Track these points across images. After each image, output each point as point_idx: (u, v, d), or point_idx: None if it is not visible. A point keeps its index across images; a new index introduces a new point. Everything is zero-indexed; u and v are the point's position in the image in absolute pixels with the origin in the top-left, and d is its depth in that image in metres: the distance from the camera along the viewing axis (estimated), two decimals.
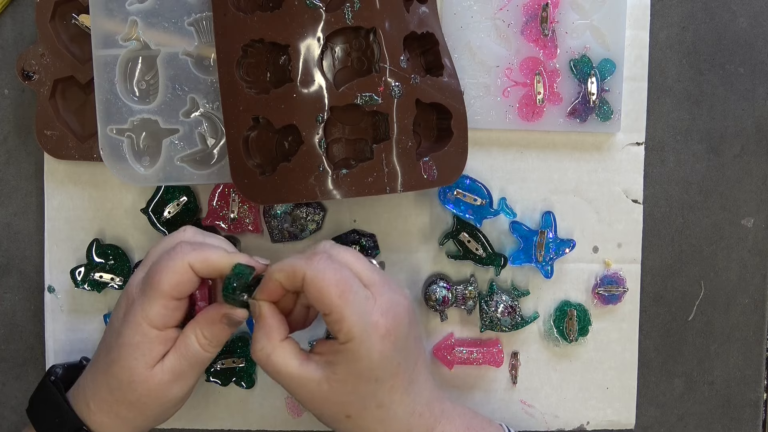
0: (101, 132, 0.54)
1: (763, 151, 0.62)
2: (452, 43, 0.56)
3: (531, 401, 0.60)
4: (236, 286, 0.45)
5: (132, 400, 0.45)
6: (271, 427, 0.59)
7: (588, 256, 0.60)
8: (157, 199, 0.56)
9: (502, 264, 0.58)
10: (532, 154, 0.59)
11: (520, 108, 0.57)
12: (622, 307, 0.60)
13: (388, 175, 0.51)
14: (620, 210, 0.60)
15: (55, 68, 0.54)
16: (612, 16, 0.57)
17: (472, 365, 0.59)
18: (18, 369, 0.59)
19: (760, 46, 0.61)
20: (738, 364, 0.63)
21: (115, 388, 0.46)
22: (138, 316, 0.44)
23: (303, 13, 0.50)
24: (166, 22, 0.53)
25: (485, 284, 0.59)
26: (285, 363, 0.44)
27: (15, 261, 0.58)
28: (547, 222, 0.58)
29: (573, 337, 0.59)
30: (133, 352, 0.45)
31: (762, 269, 0.62)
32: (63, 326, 0.58)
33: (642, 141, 0.60)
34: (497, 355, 0.58)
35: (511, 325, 0.58)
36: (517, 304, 0.58)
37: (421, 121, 0.55)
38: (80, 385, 0.48)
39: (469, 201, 0.57)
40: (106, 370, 0.46)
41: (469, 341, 0.59)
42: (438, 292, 0.57)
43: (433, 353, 0.58)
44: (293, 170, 0.51)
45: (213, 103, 0.54)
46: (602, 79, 0.57)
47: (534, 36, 0.57)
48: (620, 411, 0.61)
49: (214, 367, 0.57)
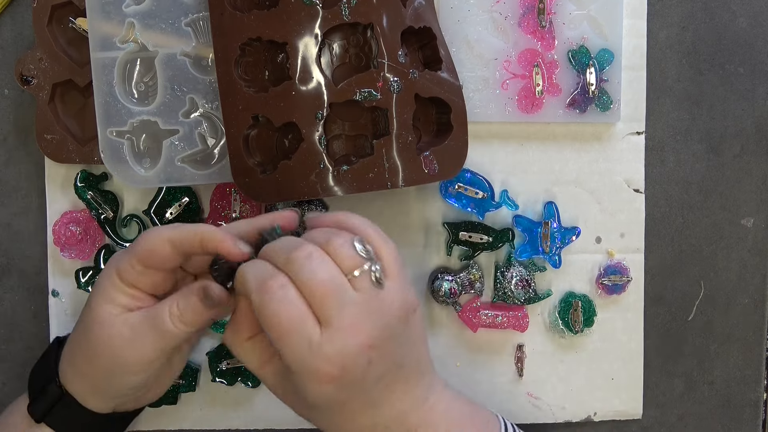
0: (101, 135, 0.54)
1: (763, 151, 0.62)
2: (450, 36, 0.56)
3: (537, 393, 0.60)
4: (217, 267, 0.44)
5: (86, 344, 0.45)
6: (278, 426, 0.60)
7: (591, 247, 0.60)
8: (159, 201, 0.56)
9: (510, 237, 0.58)
10: (532, 146, 0.59)
11: (520, 100, 0.57)
12: (627, 296, 0.60)
13: (388, 171, 0.51)
14: (622, 200, 0.60)
15: (53, 72, 0.54)
16: (609, 6, 0.57)
17: (497, 329, 0.59)
18: (18, 369, 0.59)
19: (760, 46, 0.61)
20: (738, 364, 0.63)
21: (79, 332, 0.46)
22: (110, 266, 0.45)
23: (300, 10, 0.50)
24: (164, 23, 0.53)
25: (502, 259, 0.59)
26: (246, 359, 0.45)
27: (15, 261, 0.58)
28: (549, 212, 0.58)
29: (578, 328, 0.59)
30: (100, 295, 0.45)
31: (762, 269, 0.62)
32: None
33: (642, 130, 0.60)
34: (522, 320, 0.58)
35: (524, 299, 0.58)
36: (532, 278, 0.58)
37: (420, 115, 0.55)
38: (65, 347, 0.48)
39: (470, 194, 0.57)
40: (80, 319, 0.46)
41: (494, 305, 0.59)
42: (444, 286, 0.57)
43: (459, 316, 0.58)
44: (294, 168, 0.51)
45: (212, 102, 0.54)
46: (601, 69, 0.57)
47: (531, 28, 0.57)
48: (627, 401, 0.61)
49: (220, 367, 0.57)
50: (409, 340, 0.44)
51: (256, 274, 0.41)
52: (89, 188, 0.56)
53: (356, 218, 0.44)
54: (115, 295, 0.44)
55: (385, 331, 0.41)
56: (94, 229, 0.57)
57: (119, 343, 0.44)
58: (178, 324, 0.44)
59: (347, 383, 0.41)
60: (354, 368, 0.41)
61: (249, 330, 0.44)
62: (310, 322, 0.40)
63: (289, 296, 0.40)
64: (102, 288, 0.45)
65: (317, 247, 0.41)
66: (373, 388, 0.43)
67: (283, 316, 0.40)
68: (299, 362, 0.40)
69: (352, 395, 0.42)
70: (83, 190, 0.56)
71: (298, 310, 0.40)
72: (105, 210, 0.56)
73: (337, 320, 0.40)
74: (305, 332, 0.40)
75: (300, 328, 0.40)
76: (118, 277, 0.44)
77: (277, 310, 0.40)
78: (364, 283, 0.41)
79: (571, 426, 0.61)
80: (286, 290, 0.40)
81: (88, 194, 0.56)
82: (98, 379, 0.46)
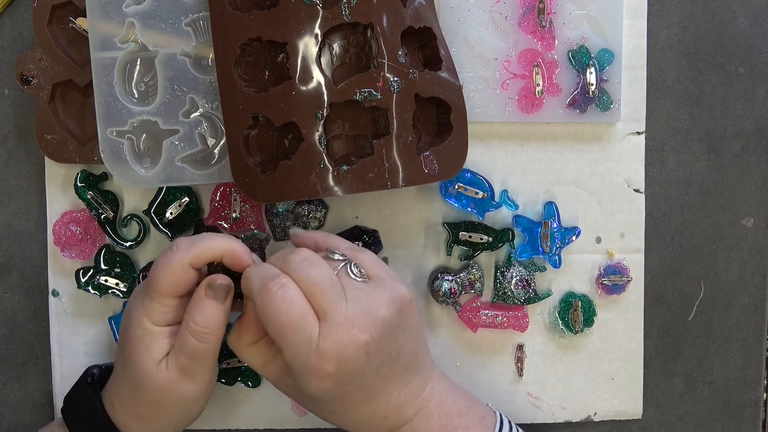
0: (101, 134, 0.54)
1: (763, 151, 0.62)
2: (450, 36, 0.56)
3: (537, 393, 0.60)
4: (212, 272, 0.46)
5: (147, 399, 0.45)
6: (277, 426, 0.60)
7: (591, 247, 0.60)
8: (159, 201, 0.56)
9: (510, 237, 0.58)
10: (532, 146, 0.59)
11: (520, 100, 0.57)
12: (627, 297, 0.60)
13: (389, 171, 0.51)
14: (622, 200, 0.60)
15: (53, 72, 0.54)
16: (609, 6, 0.57)
17: (496, 329, 0.59)
18: (18, 369, 0.59)
19: (760, 46, 0.61)
20: (738, 364, 0.63)
21: (131, 387, 0.46)
22: (140, 314, 0.45)
23: (300, 10, 0.50)
24: (164, 23, 0.53)
25: (502, 258, 0.59)
26: (250, 360, 0.46)
27: (15, 261, 0.58)
28: (549, 212, 0.58)
29: (578, 328, 0.59)
30: (138, 348, 0.45)
31: (762, 269, 0.62)
32: (68, 330, 0.58)
33: (642, 130, 0.60)
34: (522, 320, 0.58)
35: (524, 299, 0.58)
36: (532, 278, 0.58)
37: (420, 115, 0.55)
38: (108, 387, 0.49)
39: (470, 194, 0.57)
40: (123, 371, 0.47)
41: (493, 305, 0.59)
42: (444, 286, 0.57)
43: (459, 316, 0.58)
44: (294, 168, 0.51)
45: (212, 102, 0.54)
46: (601, 69, 0.57)
47: (531, 28, 0.57)
48: (627, 401, 0.61)
49: (220, 367, 0.57)
50: (405, 332, 0.45)
51: (259, 276, 0.43)
52: (89, 188, 0.56)
53: (334, 237, 0.49)
54: (153, 343, 0.45)
55: (379, 323, 0.43)
56: (94, 229, 0.57)
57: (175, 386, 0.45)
58: (206, 338, 0.44)
59: (346, 377, 0.43)
60: (352, 362, 0.42)
61: (252, 336, 0.46)
62: (310, 318, 0.42)
63: (289, 294, 0.42)
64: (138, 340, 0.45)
65: (312, 252, 0.45)
66: (372, 380, 0.44)
67: (283, 315, 0.42)
68: (299, 360, 0.42)
69: (351, 388, 0.44)
70: (83, 190, 0.56)
71: (298, 308, 0.42)
72: (105, 210, 0.56)
73: (332, 315, 0.42)
74: (306, 329, 0.42)
75: (300, 326, 0.42)
76: (152, 323, 0.45)
77: (278, 310, 0.42)
78: (347, 279, 0.45)
79: (571, 426, 0.61)
80: (287, 289, 0.42)
81: (88, 194, 0.56)
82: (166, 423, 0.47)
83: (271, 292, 0.42)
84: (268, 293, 0.42)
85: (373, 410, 0.45)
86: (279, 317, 0.42)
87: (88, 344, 0.58)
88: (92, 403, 0.47)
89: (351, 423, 0.47)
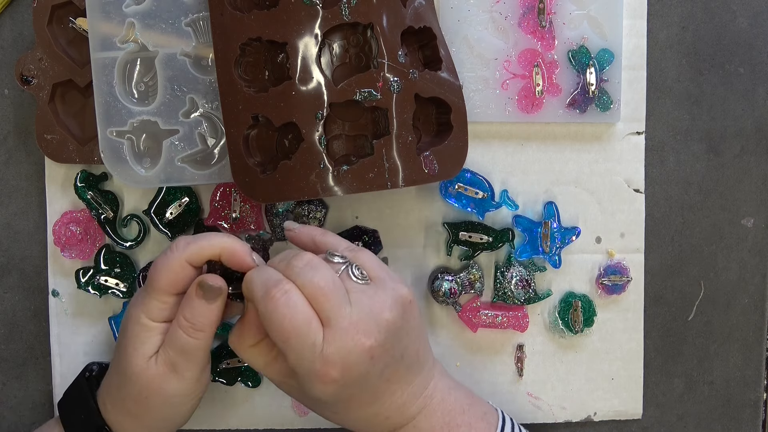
0: (101, 134, 0.54)
1: (763, 151, 0.62)
2: (450, 36, 0.56)
3: (537, 393, 0.60)
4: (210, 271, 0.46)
5: (134, 394, 0.46)
6: (278, 426, 0.60)
7: (591, 247, 0.60)
8: (159, 201, 0.56)
9: (510, 237, 0.58)
10: (532, 146, 0.59)
11: (520, 100, 0.57)
12: (627, 297, 0.60)
13: (389, 171, 0.51)
14: (622, 200, 0.60)
15: (53, 72, 0.54)
16: (609, 6, 0.57)
17: (496, 329, 0.59)
18: (18, 369, 0.59)
19: (760, 46, 0.61)
20: (738, 364, 0.63)
21: (121, 383, 0.46)
22: (139, 309, 0.45)
23: (300, 10, 0.50)
24: (164, 23, 0.53)
25: (502, 259, 0.59)
26: (251, 361, 0.46)
27: (15, 261, 0.58)
28: (549, 212, 0.58)
29: (578, 328, 0.59)
30: (132, 343, 0.45)
31: (762, 269, 0.62)
32: (68, 330, 0.58)
33: (642, 130, 0.60)
34: (522, 320, 0.58)
35: (524, 299, 0.58)
36: (532, 278, 0.58)
37: (420, 115, 0.55)
38: (102, 384, 0.49)
39: (470, 194, 0.57)
40: (116, 367, 0.47)
41: (493, 305, 0.59)
42: (444, 286, 0.57)
43: (459, 316, 0.58)
44: (294, 168, 0.51)
45: (212, 102, 0.54)
46: (601, 69, 0.57)
47: (531, 28, 0.57)
48: (627, 401, 0.61)
49: (220, 367, 0.57)
50: (408, 333, 0.45)
51: (262, 281, 0.43)
52: (89, 188, 0.56)
53: (331, 235, 0.48)
54: (147, 338, 0.45)
55: (383, 327, 0.43)
56: (94, 229, 0.57)
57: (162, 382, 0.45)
58: (195, 333, 0.45)
59: (351, 381, 0.42)
60: (356, 367, 0.42)
61: (254, 337, 0.45)
62: (314, 324, 0.42)
63: (293, 301, 0.42)
64: (134, 335, 0.45)
65: (314, 255, 0.44)
66: (376, 383, 0.44)
67: (287, 321, 0.41)
68: (303, 365, 0.42)
69: (356, 391, 0.44)
70: (83, 190, 0.56)
71: (302, 315, 0.42)
72: (105, 210, 0.56)
73: (336, 320, 0.42)
74: (310, 335, 0.42)
75: (304, 332, 0.41)
76: (148, 319, 0.45)
77: (281, 316, 0.41)
78: (349, 282, 0.44)
79: (571, 426, 0.61)
80: (290, 295, 0.42)
81: (88, 194, 0.56)
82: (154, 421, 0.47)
83: (274, 298, 0.41)
84: (271, 299, 0.41)
85: (377, 410, 0.46)
86: (283, 324, 0.41)
87: (88, 344, 0.58)
88: (86, 398, 0.48)
89: (354, 423, 0.47)
